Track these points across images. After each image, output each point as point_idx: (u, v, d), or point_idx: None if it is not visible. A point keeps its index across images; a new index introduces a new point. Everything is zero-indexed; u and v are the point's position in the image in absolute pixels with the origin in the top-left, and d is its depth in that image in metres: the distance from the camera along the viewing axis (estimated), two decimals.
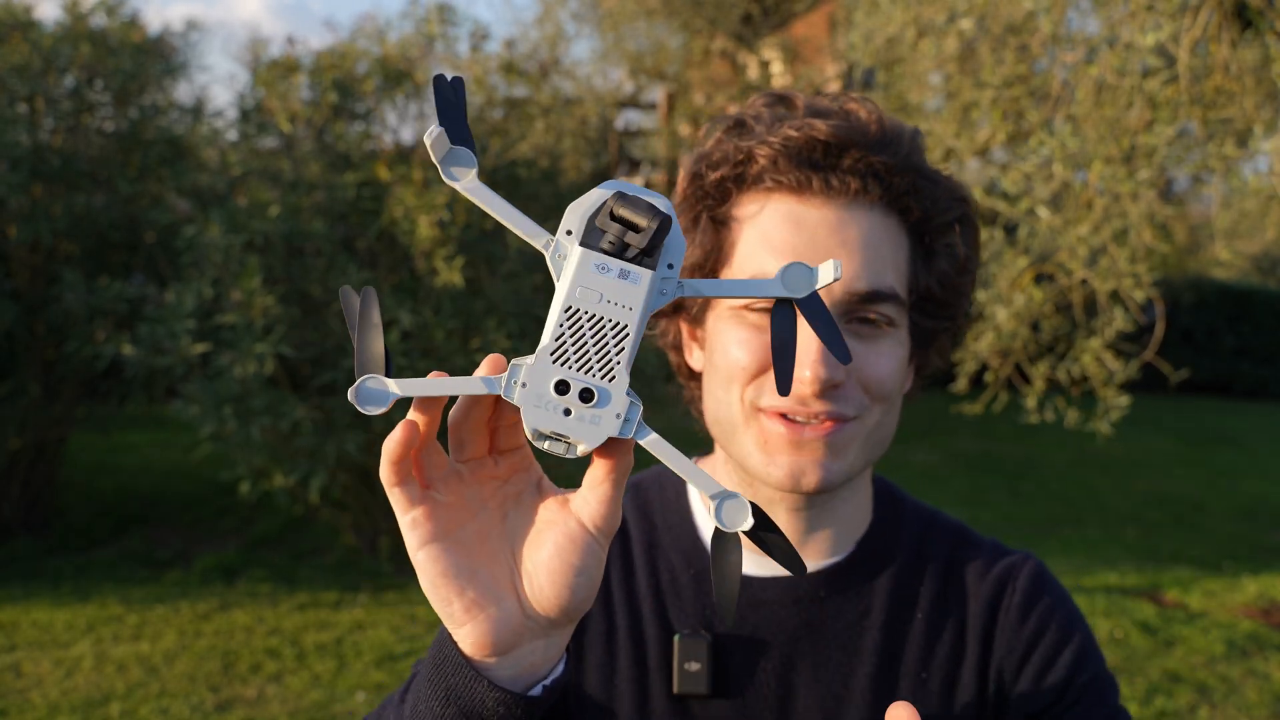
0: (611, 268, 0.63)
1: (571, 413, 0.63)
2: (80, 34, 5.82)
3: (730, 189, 0.96)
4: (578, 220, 0.64)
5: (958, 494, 8.15)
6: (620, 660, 1.01)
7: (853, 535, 1.05)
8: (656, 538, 1.07)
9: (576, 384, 0.63)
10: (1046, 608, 1.04)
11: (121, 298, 5.18)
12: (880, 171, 0.92)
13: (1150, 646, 4.94)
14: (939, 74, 4.93)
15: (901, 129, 0.95)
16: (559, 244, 0.64)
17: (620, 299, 0.63)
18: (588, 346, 0.63)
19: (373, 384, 0.64)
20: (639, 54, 11.54)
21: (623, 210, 0.63)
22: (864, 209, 0.92)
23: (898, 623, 1.02)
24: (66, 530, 6.15)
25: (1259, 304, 15.41)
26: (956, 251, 0.97)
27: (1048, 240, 4.47)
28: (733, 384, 0.95)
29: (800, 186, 0.92)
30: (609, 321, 0.63)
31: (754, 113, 0.98)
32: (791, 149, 0.92)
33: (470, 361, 4.98)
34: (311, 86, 5.58)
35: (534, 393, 0.63)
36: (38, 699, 4.01)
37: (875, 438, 0.96)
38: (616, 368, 0.64)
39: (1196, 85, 3.91)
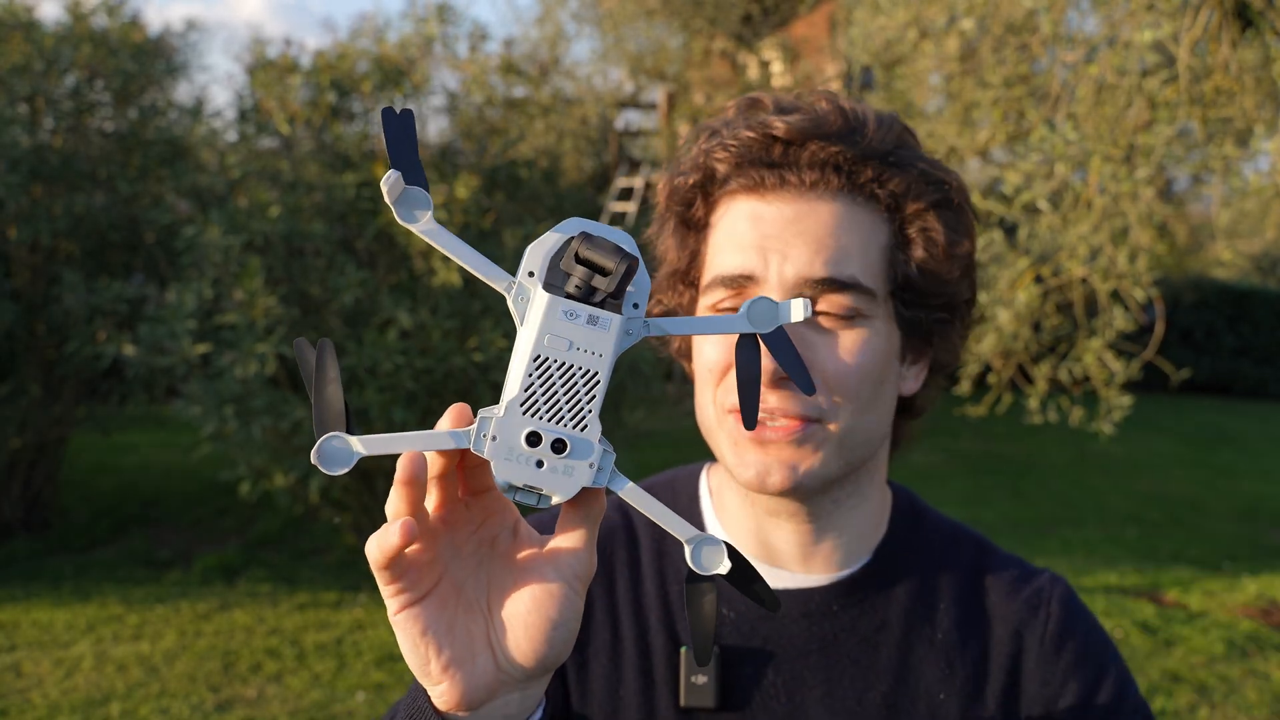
0: (579, 313, 0.61)
1: (544, 464, 0.61)
2: (81, 34, 5.83)
3: (698, 195, 0.97)
4: (540, 261, 0.62)
5: (958, 494, 8.15)
6: (626, 672, 1.00)
7: (867, 546, 1.02)
8: (666, 546, 1.05)
9: (548, 435, 0.61)
10: (1082, 638, 1.01)
11: (122, 298, 5.18)
12: (839, 162, 0.91)
13: (1150, 646, 4.94)
14: (940, 74, 4.93)
15: (866, 117, 0.93)
16: (521, 286, 0.62)
17: (590, 345, 0.61)
18: (558, 396, 0.61)
19: (336, 443, 0.60)
20: (639, 54, 11.54)
21: (588, 253, 0.61)
22: (825, 200, 0.91)
23: (916, 640, 1.00)
24: (67, 530, 6.15)
25: (1259, 304, 15.41)
26: (933, 237, 0.94)
27: (1048, 241, 4.47)
28: (707, 385, 0.95)
29: (758, 184, 0.92)
30: (579, 369, 0.61)
31: (726, 119, 0.98)
32: (749, 150, 0.92)
33: (468, 361, 4.98)
34: (309, 87, 5.58)
35: (504, 445, 0.61)
36: (38, 699, 4.01)
37: (852, 439, 0.93)
38: (588, 416, 0.62)
39: (1196, 85, 3.91)
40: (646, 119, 12.74)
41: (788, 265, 0.89)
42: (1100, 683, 1.00)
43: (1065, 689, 0.99)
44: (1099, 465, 9.48)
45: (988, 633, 1.01)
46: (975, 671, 0.99)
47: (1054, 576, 1.06)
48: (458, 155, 5.78)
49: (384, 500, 3.68)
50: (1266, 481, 9.32)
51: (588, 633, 1.01)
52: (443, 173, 5.41)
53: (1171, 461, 9.99)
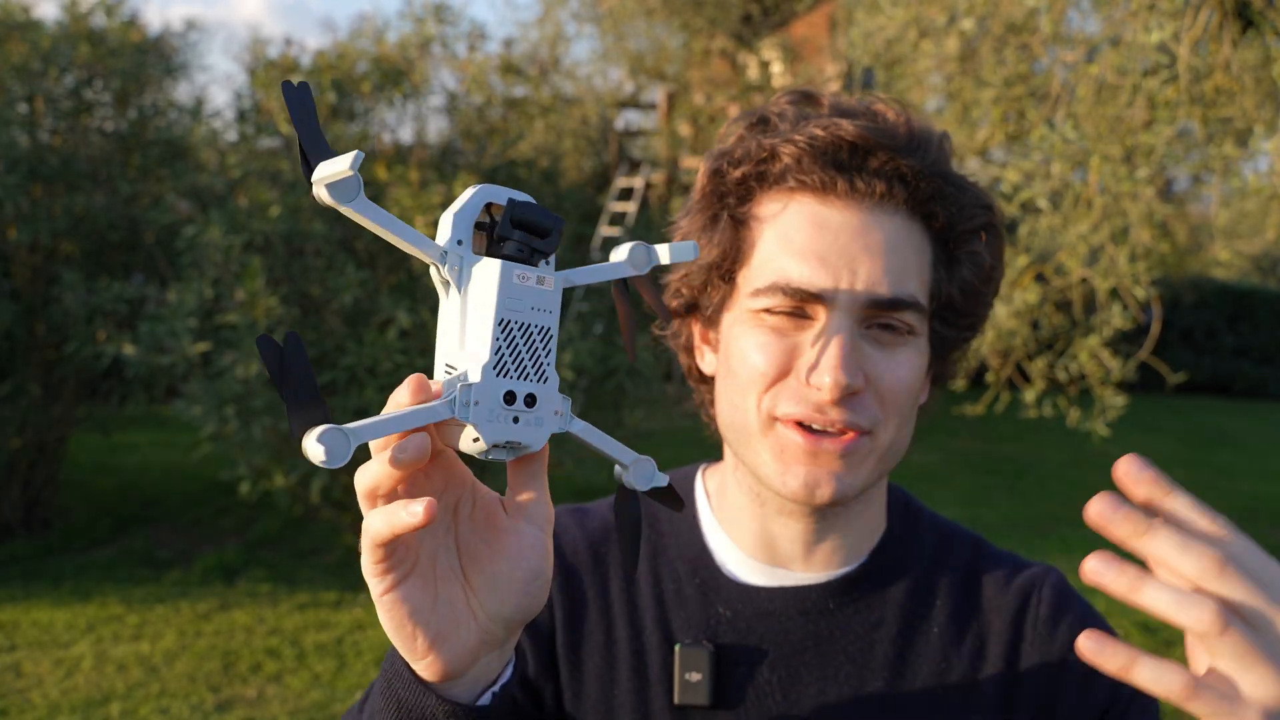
0: (529, 276, 0.65)
1: (519, 419, 0.66)
2: (80, 34, 5.83)
3: (753, 187, 0.93)
4: (465, 228, 0.65)
5: (958, 494, 8.15)
6: (620, 671, 1.00)
7: (865, 545, 1.03)
8: (663, 545, 1.05)
9: (521, 391, 0.65)
10: (1077, 615, 1.02)
11: (121, 298, 5.18)
12: (907, 175, 0.89)
13: (1150, 646, 4.94)
14: (940, 74, 4.93)
15: (930, 133, 0.93)
16: (450, 254, 0.65)
17: (542, 304, 0.66)
18: (522, 355, 0.65)
19: (332, 435, 0.60)
20: (639, 54, 11.54)
21: (524, 216, 0.65)
22: (888, 213, 0.90)
23: (911, 635, 1.00)
24: (67, 530, 6.15)
25: (1259, 304, 15.42)
26: (981, 259, 0.95)
27: (1048, 239, 4.47)
28: (750, 391, 0.92)
29: (824, 187, 0.89)
30: (536, 327, 0.66)
31: (778, 110, 0.95)
32: (817, 148, 0.89)
33: None
34: None
35: (485, 409, 0.64)
36: (38, 699, 4.01)
37: (891, 451, 0.93)
38: (548, 369, 0.67)
39: (1197, 85, 3.91)
40: (646, 119, 12.74)
41: (857, 281, 0.87)
42: None
43: (1066, 664, 0.99)
44: (1098, 465, 9.47)
45: (984, 626, 1.01)
46: (973, 665, 0.99)
47: (1047, 567, 1.07)
48: (457, 155, 5.79)
49: None
50: (1266, 481, 9.32)
51: (581, 633, 1.01)
52: (442, 173, 5.41)
53: (1171, 461, 9.99)
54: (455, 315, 0.66)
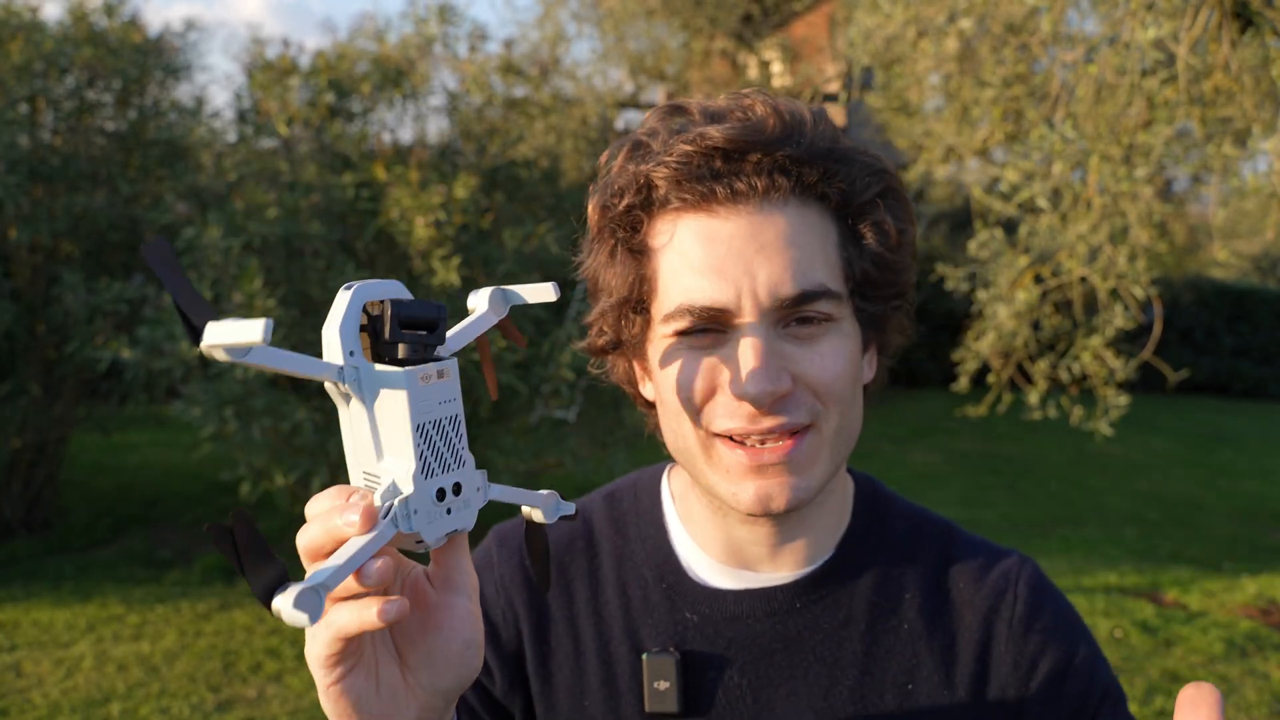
0: (430, 374, 0.67)
1: (451, 509, 0.69)
2: (81, 35, 5.83)
3: (639, 216, 0.90)
4: (353, 339, 0.66)
5: (958, 494, 8.15)
6: (590, 681, 1.00)
7: (830, 539, 1.01)
8: (629, 551, 1.05)
9: (448, 484, 0.68)
10: (1051, 618, 1.01)
11: (122, 298, 5.18)
12: (786, 165, 0.87)
13: (1150, 646, 4.94)
14: (939, 74, 4.93)
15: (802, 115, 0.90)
16: (348, 369, 0.66)
17: (446, 395, 0.68)
18: (442, 450, 0.68)
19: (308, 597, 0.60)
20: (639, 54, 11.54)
21: (411, 314, 0.68)
22: (777, 207, 0.87)
23: (880, 631, 0.99)
24: (67, 530, 6.15)
25: (1258, 304, 15.42)
26: (885, 228, 0.92)
27: (1047, 239, 4.47)
28: (683, 415, 0.91)
29: (705, 199, 0.87)
30: (447, 419, 0.68)
31: (649, 130, 0.93)
32: (690, 164, 0.87)
33: (469, 361, 4.98)
34: (307, 88, 5.59)
35: (424, 514, 0.67)
36: (38, 698, 4.01)
37: (840, 440, 0.92)
38: (463, 451, 0.69)
39: (1196, 85, 3.91)
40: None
41: (758, 287, 0.86)
42: (1070, 662, 0.99)
43: (1036, 669, 0.98)
44: (1098, 465, 9.49)
45: (956, 620, 1.00)
46: (944, 659, 0.99)
47: (1021, 558, 1.05)
48: (457, 155, 5.79)
49: None
50: (1266, 481, 9.32)
51: (548, 646, 1.01)
52: (442, 173, 5.41)
53: (1171, 461, 9.99)
54: (364, 425, 0.67)
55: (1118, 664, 4.71)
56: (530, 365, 5.20)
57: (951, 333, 11.98)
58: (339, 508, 0.65)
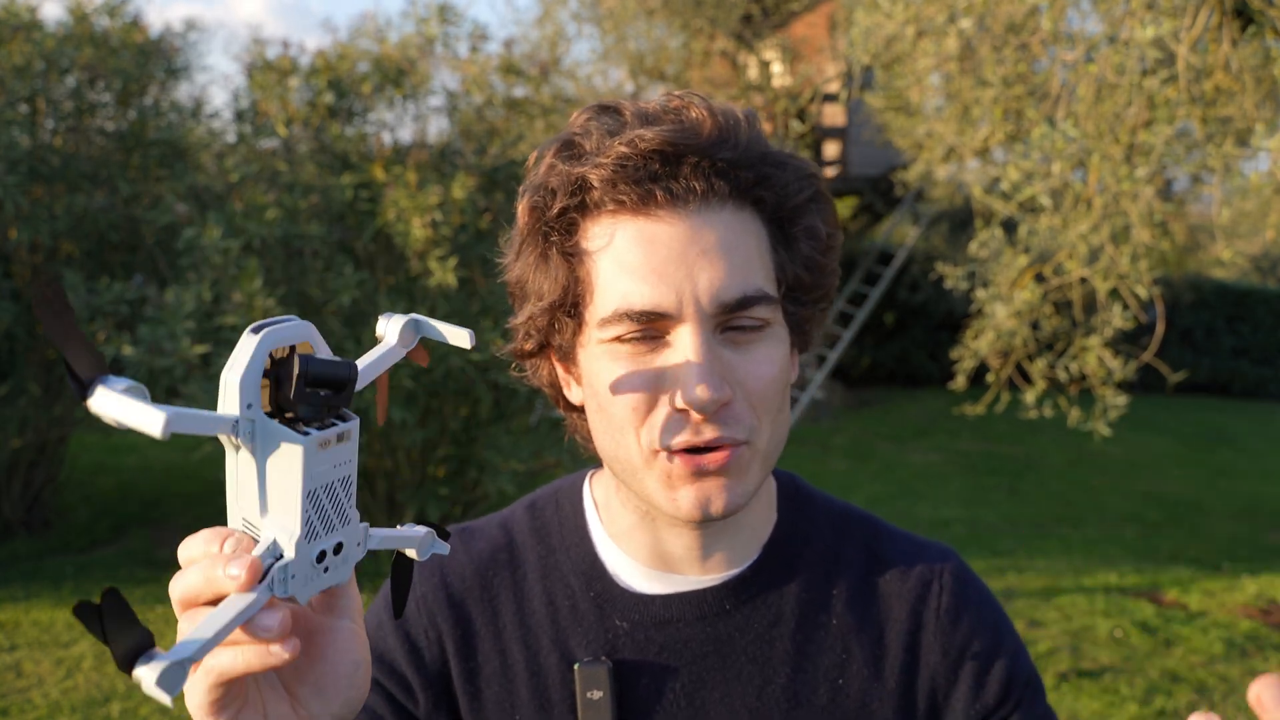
0: (329, 439, 0.63)
1: (330, 569, 0.66)
2: (82, 35, 5.83)
3: (574, 218, 0.88)
4: (252, 391, 0.61)
5: (958, 494, 8.15)
6: (520, 695, 0.98)
7: (757, 541, 1.01)
8: (554, 561, 1.03)
9: (330, 545, 0.65)
10: (976, 610, 1.02)
11: (122, 299, 5.18)
12: (723, 169, 0.86)
13: (1150, 646, 4.94)
14: (939, 73, 4.93)
15: (735, 118, 0.89)
16: (244, 422, 0.62)
17: (343, 458, 0.64)
18: (328, 512, 0.64)
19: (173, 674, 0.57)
20: (639, 54, 11.55)
21: (320, 373, 0.63)
22: (715, 211, 0.86)
23: (810, 628, 0.99)
24: (67, 530, 6.15)
25: (1258, 304, 15.42)
26: (817, 231, 0.91)
27: (1048, 239, 4.47)
28: (626, 428, 0.89)
29: (644, 202, 0.85)
30: (340, 480, 0.65)
31: (581, 130, 0.91)
32: (627, 166, 0.85)
33: (466, 360, 4.98)
34: (307, 88, 5.59)
35: (302, 578, 0.64)
36: (38, 698, 4.01)
37: (772, 449, 0.91)
38: (350, 510, 0.66)
39: (1196, 84, 3.91)
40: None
41: (699, 291, 0.84)
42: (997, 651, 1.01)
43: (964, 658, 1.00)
44: (1098, 465, 9.49)
45: (884, 612, 1.01)
46: (873, 653, 0.99)
47: (944, 549, 1.06)
48: (456, 156, 5.79)
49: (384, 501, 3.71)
50: (1266, 481, 9.32)
51: (475, 662, 1.00)
52: (441, 173, 5.41)
53: (1170, 461, 9.99)
54: (251, 477, 0.64)
55: (1118, 664, 4.71)
56: None
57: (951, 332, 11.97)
58: (222, 558, 0.62)
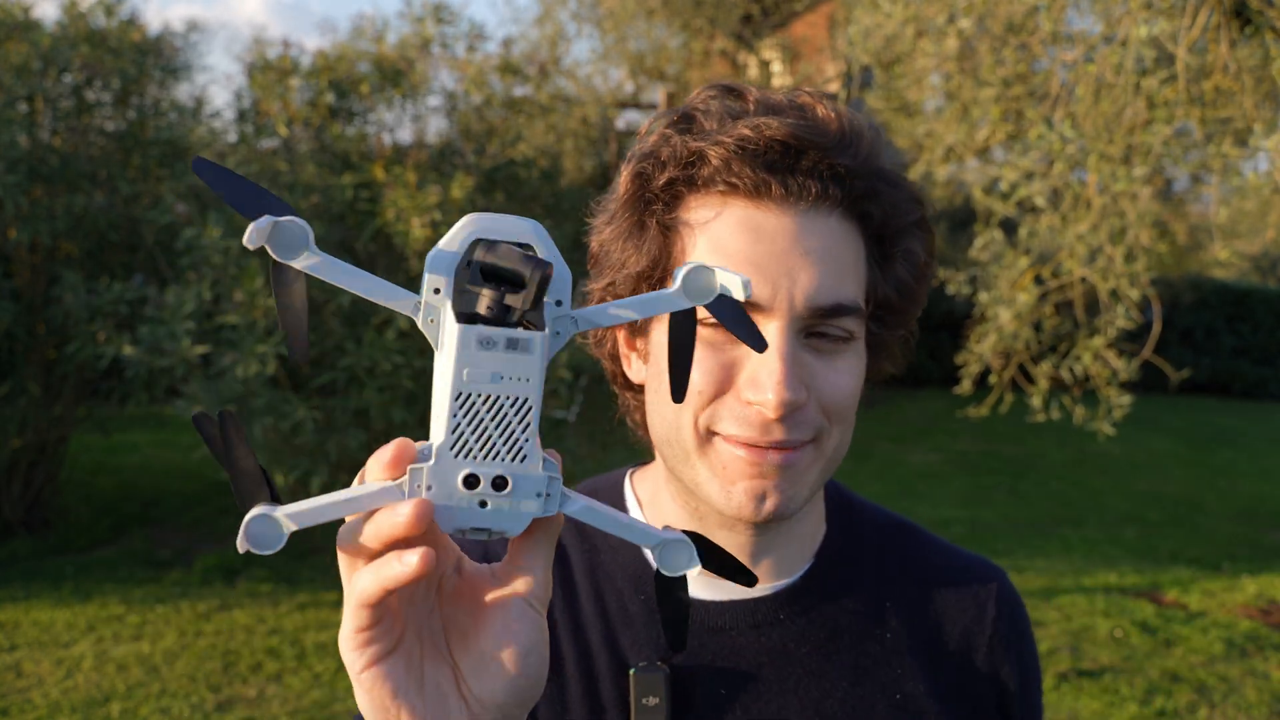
0: (496, 340, 0.55)
1: (488, 503, 0.57)
2: (80, 34, 5.83)
3: (680, 191, 0.87)
4: (444, 273, 0.56)
5: (958, 494, 8.15)
6: (571, 698, 0.95)
7: (808, 550, 0.99)
8: (599, 560, 1.00)
9: (486, 474, 0.57)
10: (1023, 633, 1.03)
11: (122, 299, 5.18)
12: (841, 174, 0.85)
13: (1150, 646, 4.94)
14: (939, 73, 4.93)
15: (861, 128, 0.88)
16: (429, 306, 0.56)
17: (513, 372, 0.56)
18: (489, 432, 0.56)
19: (260, 524, 0.55)
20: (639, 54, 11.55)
21: (497, 261, 0.55)
22: (823, 215, 0.85)
23: (866, 641, 0.98)
24: (67, 530, 6.15)
25: (1258, 304, 15.41)
26: (915, 257, 0.91)
27: (1048, 240, 4.48)
28: (685, 407, 0.87)
29: (757, 191, 0.84)
30: (506, 399, 0.56)
31: (703, 106, 0.89)
32: (747, 150, 0.83)
33: None
34: (307, 88, 5.59)
35: (443, 494, 0.57)
36: (38, 698, 4.01)
37: (833, 458, 0.90)
38: (525, 445, 0.57)
39: (1195, 84, 3.91)
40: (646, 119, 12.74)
41: (795, 291, 0.83)
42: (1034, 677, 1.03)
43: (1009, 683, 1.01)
44: (1098, 465, 9.49)
45: (937, 629, 1.00)
46: (928, 669, 0.98)
47: (991, 566, 1.06)
48: (456, 155, 5.79)
49: None
50: (1266, 481, 9.32)
51: None
52: (440, 173, 5.41)
53: (1171, 461, 9.99)
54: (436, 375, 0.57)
55: (1118, 664, 4.71)
56: None
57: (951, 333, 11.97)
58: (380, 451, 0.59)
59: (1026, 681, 1.01)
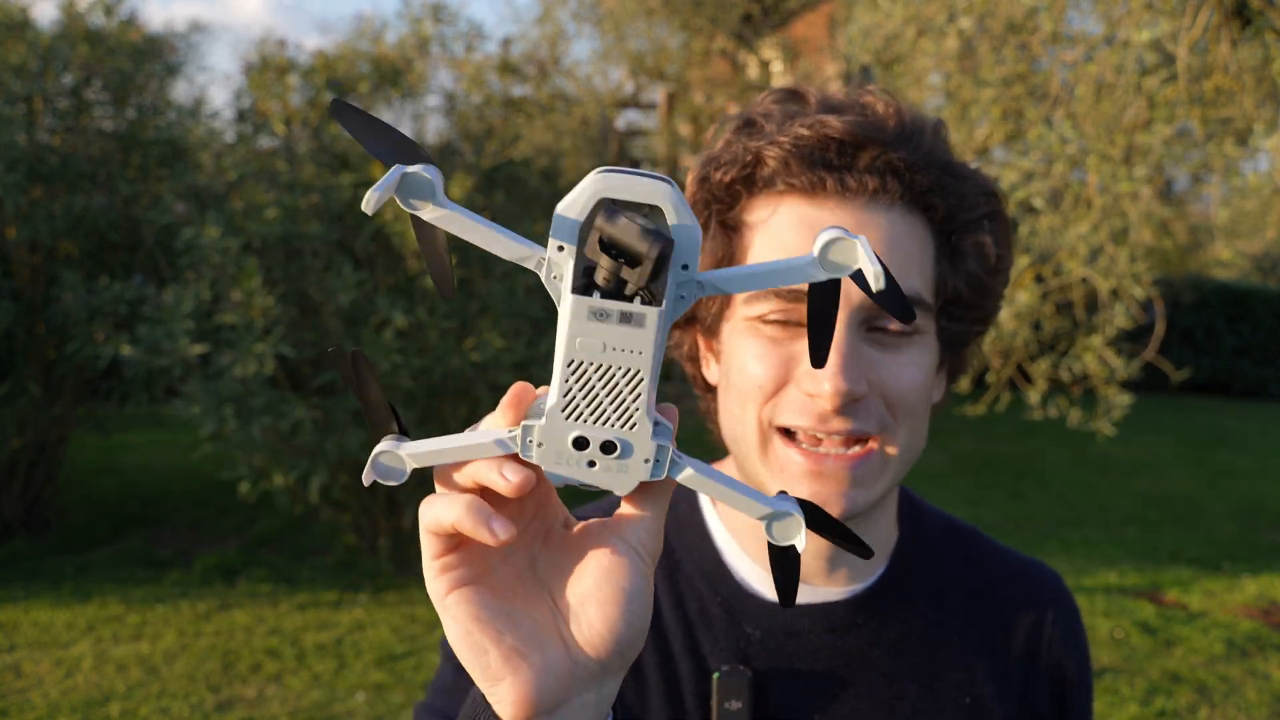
0: (610, 312, 0.55)
1: (596, 464, 0.58)
2: (78, 34, 5.82)
3: (740, 192, 0.89)
4: (568, 233, 0.55)
5: (958, 494, 8.14)
6: (651, 699, 0.95)
7: (882, 554, 1.00)
8: (676, 560, 1.00)
9: (595, 438, 0.57)
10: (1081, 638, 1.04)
11: (121, 298, 5.17)
12: (900, 168, 0.85)
13: (1150, 646, 4.93)
14: (938, 73, 4.93)
15: (923, 122, 0.89)
16: (551, 262, 0.56)
17: (626, 344, 0.56)
18: (600, 398, 0.57)
19: (387, 458, 0.59)
20: (639, 54, 11.54)
21: (614, 235, 0.54)
22: (883, 209, 0.85)
23: (936, 645, 0.98)
24: (66, 530, 6.15)
25: (1259, 304, 15.41)
26: (986, 250, 0.90)
27: (1048, 240, 4.47)
28: (748, 401, 0.88)
29: (813, 188, 0.85)
30: (619, 369, 0.56)
31: (764, 110, 0.91)
32: (804, 149, 0.85)
33: (466, 361, 4.97)
34: (306, 87, 5.58)
35: (552, 451, 0.58)
36: (38, 699, 4.01)
37: (904, 458, 0.89)
38: (636, 414, 0.57)
39: (1196, 84, 3.90)
40: (646, 119, 12.74)
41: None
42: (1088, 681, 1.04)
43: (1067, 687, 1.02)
44: (1099, 465, 9.48)
45: (1003, 634, 1.01)
46: (995, 673, 0.99)
47: (1049, 571, 1.08)
48: (455, 155, 5.78)
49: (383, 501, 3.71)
50: (1266, 481, 9.31)
51: None
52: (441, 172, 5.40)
53: (1171, 461, 9.98)
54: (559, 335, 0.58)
55: (1118, 664, 4.71)
56: (529, 365, 5.20)
57: None
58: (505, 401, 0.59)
59: (1083, 681, 1.03)
